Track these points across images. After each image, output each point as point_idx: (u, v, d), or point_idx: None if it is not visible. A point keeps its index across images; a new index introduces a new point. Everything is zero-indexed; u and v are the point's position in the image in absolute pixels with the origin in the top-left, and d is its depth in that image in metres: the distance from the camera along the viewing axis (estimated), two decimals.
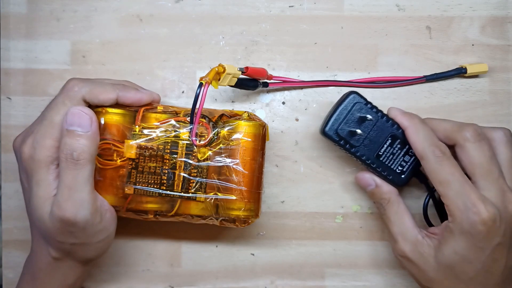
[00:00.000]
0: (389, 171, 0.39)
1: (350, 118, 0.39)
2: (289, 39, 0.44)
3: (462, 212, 0.34)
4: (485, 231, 0.34)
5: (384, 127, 0.39)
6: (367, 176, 0.40)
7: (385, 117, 0.39)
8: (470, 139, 0.36)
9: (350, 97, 0.39)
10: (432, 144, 0.36)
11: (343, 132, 0.39)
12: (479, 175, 0.35)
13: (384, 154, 0.39)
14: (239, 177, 0.36)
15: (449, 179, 0.35)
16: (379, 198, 0.39)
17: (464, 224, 0.34)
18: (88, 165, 0.34)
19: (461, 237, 0.35)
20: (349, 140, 0.39)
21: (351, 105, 0.39)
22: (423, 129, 0.37)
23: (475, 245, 0.34)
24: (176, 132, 0.36)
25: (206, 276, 0.44)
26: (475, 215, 0.34)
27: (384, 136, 0.39)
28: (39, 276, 0.37)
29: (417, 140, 0.37)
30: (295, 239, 0.44)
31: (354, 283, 0.44)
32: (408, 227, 0.38)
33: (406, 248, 0.37)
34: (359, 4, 0.44)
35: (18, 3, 0.44)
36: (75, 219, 0.34)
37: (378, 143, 0.39)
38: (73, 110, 0.34)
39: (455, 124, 0.37)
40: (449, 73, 0.43)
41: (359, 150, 0.39)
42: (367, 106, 0.39)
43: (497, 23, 0.44)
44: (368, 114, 0.38)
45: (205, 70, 0.44)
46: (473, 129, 0.36)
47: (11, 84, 0.44)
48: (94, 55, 0.44)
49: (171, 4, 0.44)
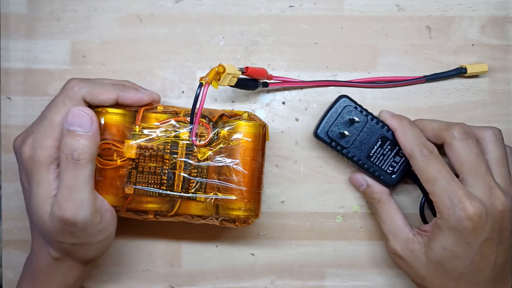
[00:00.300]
0: (380, 171, 0.40)
1: (340, 121, 0.40)
2: (289, 39, 0.44)
3: (449, 209, 0.35)
4: (472, 226, 0.34)
5: (374, 129, 0.40)
6: (359, 177, 0.42)
7: (375, 120, 0.40)
8: (457, 137, 0.36)
9: (340, 101, 0.40)
10: (420, 143, 0.37)
11: (333, 134, 0.40)
12: (466, 172, 0.36)
13: (375, 155, 0.40)
14: (239, 177, 0.36)
15: (436, 177, 0.36)
16: (370, 197, 0.41)
17: (451, 220, 0.35)
18: (88, 165, 0.34)
19: (449, 233, 0.35)
20: (339, 142, 0.40)
21: (341, 108, 0.40)
22: (411, 129, 0.38)
23: (462, 240, 0.35)
24: (176, 132, 0.36)
25: (206, 276, 0.44)
26: (461, 211, 0.34)
27: (374, 137, 0.40)
28: (39, 276, 0.37)
29: (406, 141, 0.38)
30: (295, 239, 0.44)
31: (354, 283, 0.44)
32: (398, 226, 0.39)
33: (397, 246, 0.38)
34: (359, 4, 0.44)
35: (18, 3, 0.44)
36: (75, 219, 0.34)
37: (369, 145, 0.40)
38: (73, 110, 0.34)
39: (443, 123, 0.38)
40: (449, 73, 0.43)
41: (350, 151, 0.40)
42: (357, 110, 0.40)
43: (497, 23, 0.44)
44: (357, 116, 0.40)
45: (205, 70, 0.44)
46: (460, 127, 0.37)
47: (11, 84, 0.44)
48: (94, 55, 0.44)
49: (171, 4, 0.44)
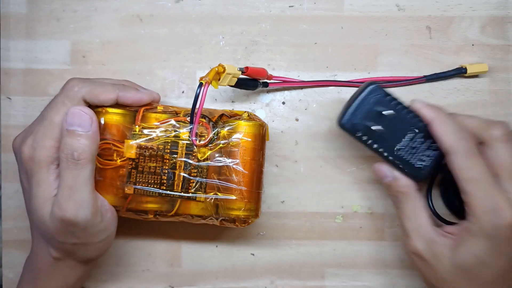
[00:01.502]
0: (409, 166, 0.37)
1: (368, 111, 0.36)
2: (289, 39, 0.44)
3: (487, 214, 0.33)
4: (509, 236, 0.32)
5: (405, 120, 0.37)
6: (385, 168, 0.38)
7: (405, 110, 0.37)
8: (500, 138, 0.34)
9: (368, 88, 0.37)
10: (462, 137, 0.34)
11: (360, 126, 0.37)
12: (506, 177, 0.34)
13: (404, 148, 0.37)
14: (239, 177, 0.36)
15: (478, 178, 0.33)
16: (396, 191, 0.38)
17: (487, 226, 0.33)
18: (88, 165, 0.34)
19: (482, 240, 0.33)
20: (366, 133, 0.37)
21: (370, 97, 0.36)
22: (451, 122, 0.35)
23: (495, 249, 0.33)
24: (176, 132, 0.36)
25: (206, 276, 0.44)
26: (501, 219, 0.32)
27: (405, 129, 0.37)
28: (39, 276, 0.37)
29: (445, 133, 0.34)
30: (295, 239, 0.44)
31: (354, 283, 0.44)
32: (423, 224, 0.36)
33: (420, 246, 0.36)
34: (359, 4, 0.44)
35: (18, 3, 0.44)
36: (76, 219, 0.34)
37: (398, 137, 0.37)
38: (73, 110, 0.34)
39: (483, 121, 0.36)
40: (449, 73, 0.43)
41: (377, 144, 0.37)
42: (386, 98, 0.37)
43: (497, 23, 0.44)
44: (387, 107, 0.36)
45: (205, 70, 0.44)
46: (502, 127, 0.34)
47: (11, 84, 0.44)
48: (94, 55, 0.44)
49: (171, 4, 0.44)
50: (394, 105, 0.37)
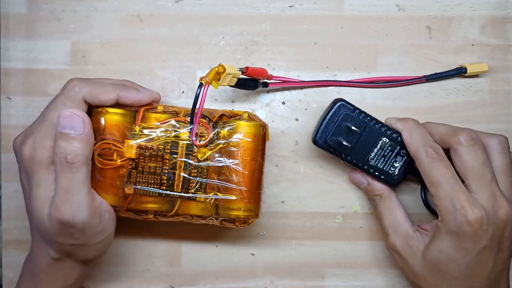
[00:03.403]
0: (382, 172, 0.40)
1: (338, 127, 0.39)
2: (289, 39, 0.44)
3: (450, 213, 0.35)
4: (471, 232, 0.35)
5: (373, 131, 0.39)
6: (358, 175, 0.42)
7: (373, 121, 0.39)
8: (464, 143, 0.36)
9: (336, 105, 0.39)
10: (426, 144, 0.37)
11: (332, 141, 0.39)
12: (472, 179, 0.36)
13: (376, 157, 0.40)
14: (239, 177, 0.36)
15: (440, 180, 0.36)
16: (372, 194, 0.41)
17: (451, 224, 0.35)
18: (83, 168, 0.34)
19: (447, 237, 0.36)
20: (338, 148, 0.39)
21: (338, 113, 0.39)
22: (417, 130, 0.38)
23: (460, 245, 0.35)
24: (176, 132, 0.36)
25: (206, 276, 0.44)
26: (462, 217, 0.35)
27: (374, 139, 0.39)
28: (39, 276, 0.37)
29: (411, 141, 0.38)
30: (295, 239, 0.44)
31: (354, 283, 0.44)
32: (399, 221, 0.39)
33: (397, 241, 0.38)
34: (359, 4, 0.44)
35: (18, 3, 0.44)
36: (74, 221, 0.34)
37: (369, 147, 0.40)
38: (64, 113, 0.34)
39: (450, 128, 0.38)
40: (449, 73, 0.43)
41: (350, 156, 0.40)
42: (354, 113, 0.39)
43: (497, 23, 0.44)
44: (356, 120, 0.39)
45: (205, 70, 0.44)
46: (467, 133, 0.37)
47: (11, 84, 0.44)
48: (94, 55, 0.44)
49: (171, 4, 0.44)
50: (362, 118, 0.39)
